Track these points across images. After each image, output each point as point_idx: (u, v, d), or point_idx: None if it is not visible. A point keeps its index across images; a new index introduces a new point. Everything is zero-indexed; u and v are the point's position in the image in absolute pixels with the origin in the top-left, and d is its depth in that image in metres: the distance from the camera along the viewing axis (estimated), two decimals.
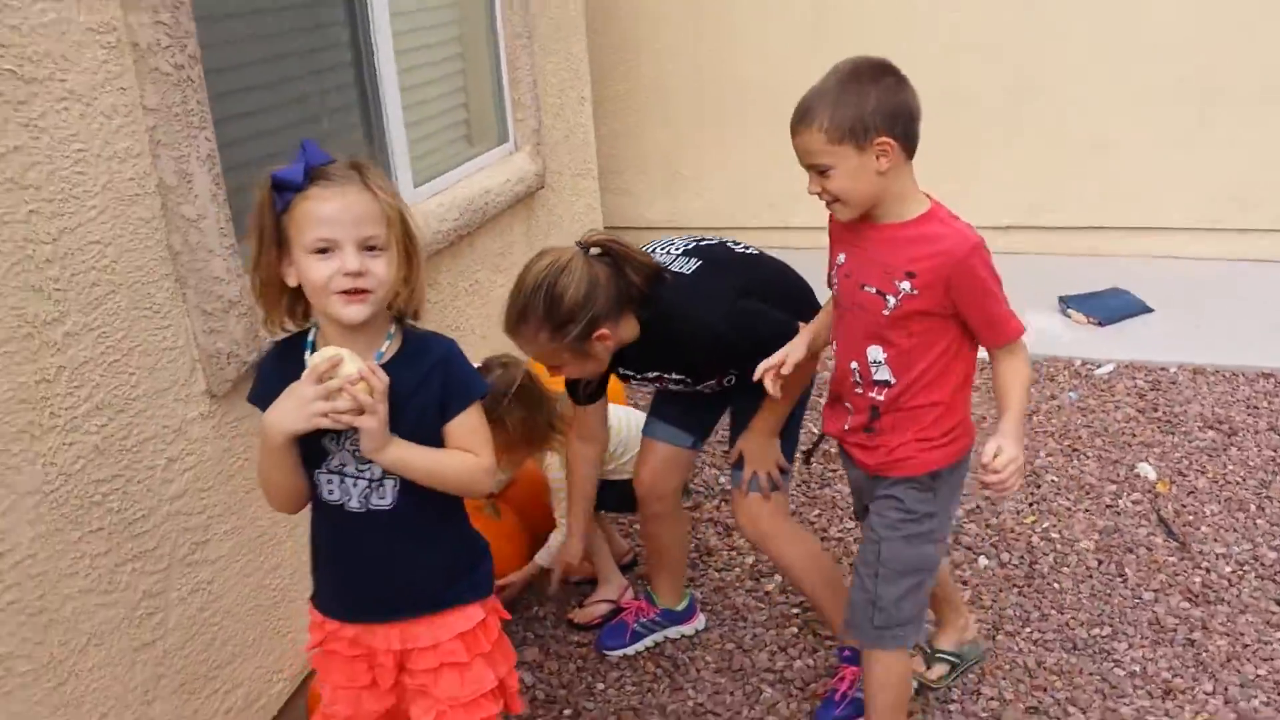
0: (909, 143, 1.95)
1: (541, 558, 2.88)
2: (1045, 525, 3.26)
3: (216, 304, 2.12)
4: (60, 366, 1.79)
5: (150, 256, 2.00)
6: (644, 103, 5.84)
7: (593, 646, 2.82)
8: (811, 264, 2.49)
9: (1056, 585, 2.97)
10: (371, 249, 1.59)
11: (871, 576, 2.15)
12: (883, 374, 2.05)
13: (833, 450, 3.79)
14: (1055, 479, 3.52)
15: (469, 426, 1.72)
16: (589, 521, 2.73)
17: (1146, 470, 3.53)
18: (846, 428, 2.14)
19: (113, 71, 1.89)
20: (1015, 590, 2.96)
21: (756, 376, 2.16)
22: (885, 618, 2.14)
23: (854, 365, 2.07)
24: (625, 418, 2.94)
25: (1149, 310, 4.79)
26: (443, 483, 1.71)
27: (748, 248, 2.57)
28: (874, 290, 1.99)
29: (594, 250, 2.29)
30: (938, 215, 2.00)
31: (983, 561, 3.09)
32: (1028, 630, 2.79)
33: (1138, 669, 2.63)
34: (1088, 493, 3.43)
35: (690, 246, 2.46)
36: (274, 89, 2.60)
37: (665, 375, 2.47)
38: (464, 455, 1.71)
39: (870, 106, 1.89)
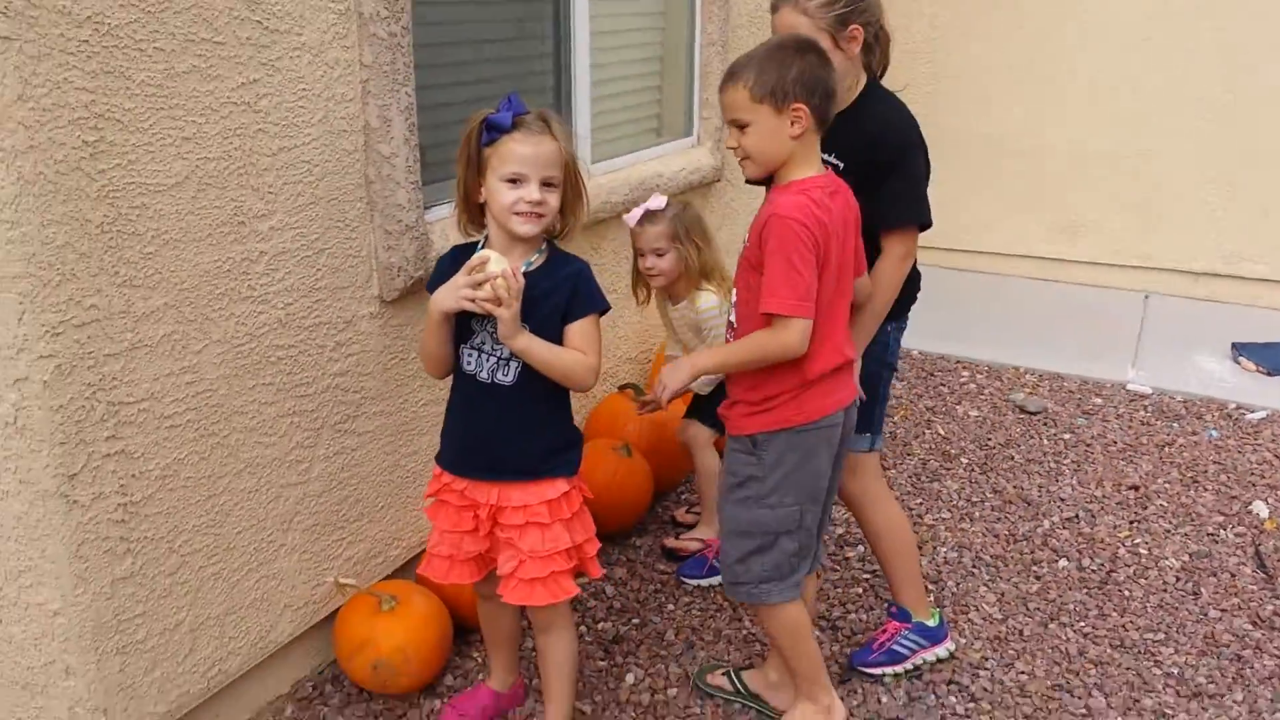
0: (821, 114, 2.15)
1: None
2: (1137, 541, 3.41)
3: (396, 226, 2.63)
4: (262, 251, 2.32)
5: (349, 181, 2.53)
6: None
7: (674, 575, 3.19)
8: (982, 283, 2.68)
9: (1127, 592, 3.13)
10: (549, 185, 2.11)
11: (722, 535, 2.40)
12: (732, 315, 2.30)
13: (952, 450, 4.01)
14: (1165, 504, 3.64)
15: (585, 331, 2.18)
16: None
17: (1260, 508, 3.60)
18: None
19: (339, 33, 2.42)
20: (1084, 590, 3.14)
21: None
22: (731, 575, 2.37)
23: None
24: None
25: None
26: (556, 371, 2.16)
27: None
28: (745, 239, 2.26)
29: None
30: (795, 186, 2.16)
31: (1062, 564, 3.28)
32: (1082, 624, 2.98)
33: (1175, 671, 2.79)
34: (1192, 520, 3.54)
35: None
36: (475, 66, 3.11)
37: (826, 157, 2.44)
38: (576, 354, 2.17)
39: (792, 75, 2.10)
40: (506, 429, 2.22)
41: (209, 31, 2.10)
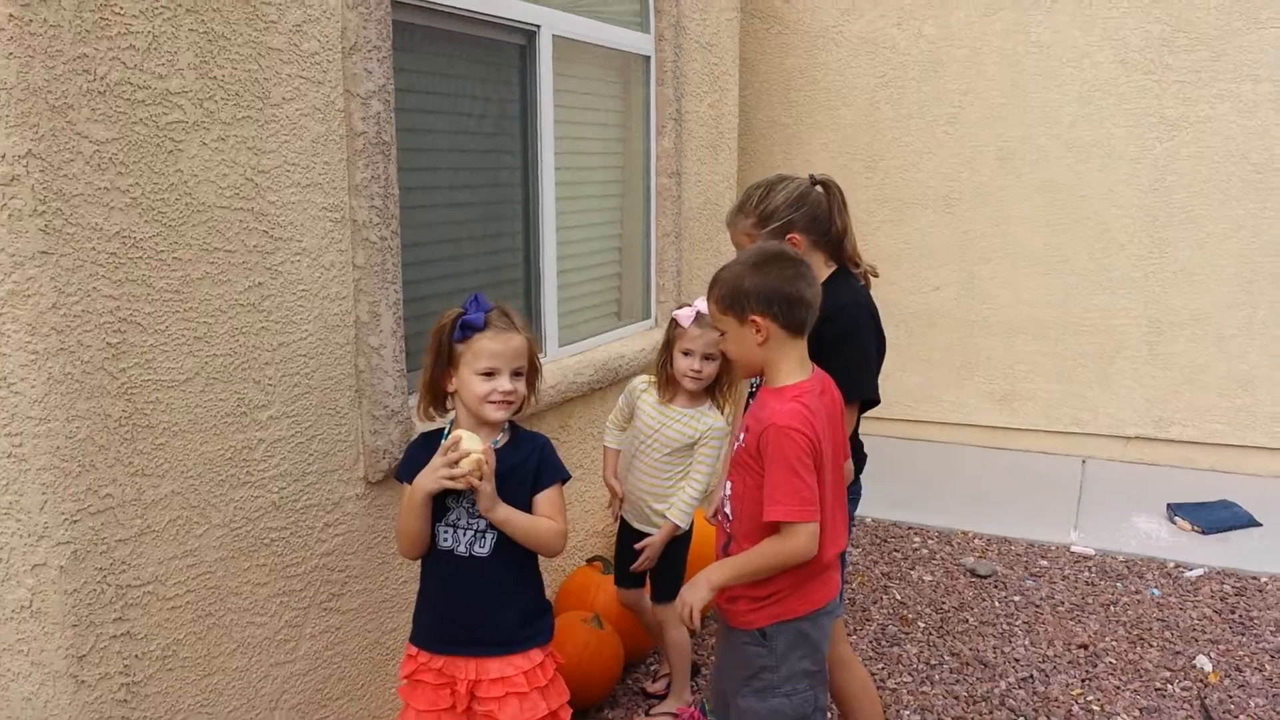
0: (788, 321, 2.28)
1: (675, 516, 3.16)
2: (1090, 699, 3.53)
3: (383, 412, 2.80)
4: (261, 440, 2.48)
5: (340, 371, 2.71)
6: None
7: None
8: (929, 451, 2.89)
9: None
10: (518, 374, 2.34)
11: None
12: (727, 506, 2.41)
13: (909, 615, 4.15)
14: (1113, 661, 3.78)
15: (552, 499, 2.38)
16: None
17: (1204, 662, 3.75)
18: (721, 548, 2.45)
19: (335, 238, 2.64)
20: None
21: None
22: None
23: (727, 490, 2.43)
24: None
25: (1257, 524, 4.98)
26: (531, 538, 2.33)
27: None
28: (737, 435, 2.42)
29: (819, 185, 2.76)
30: (789, 392, 2.28)
31: None
32: None
33: None
34: (1140, 676, 3.68)
35: None
36: (454, 261, 3.36)
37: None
38: (547, 520, 2.35)
39: (746, 287, 2.26)
40: (484, 600, 2.36)
41: (221, 241, 2.31)
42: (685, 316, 3.09)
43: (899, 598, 4.31)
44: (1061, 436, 6.11)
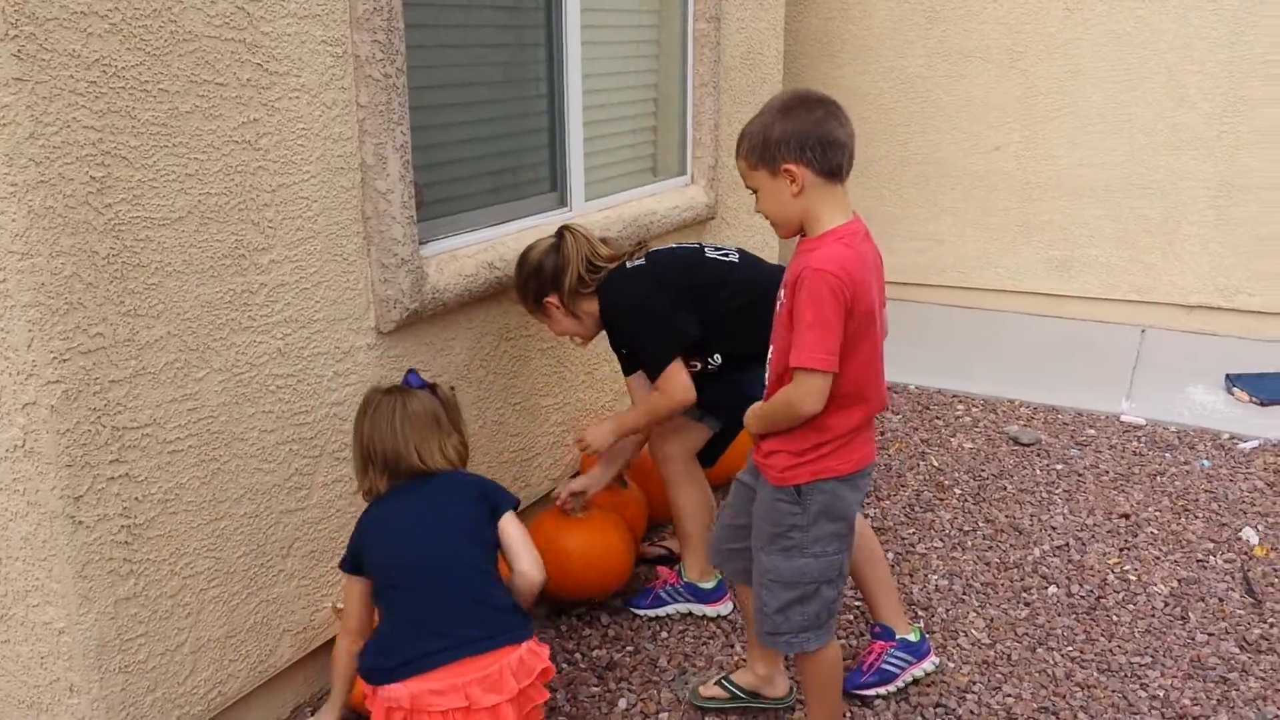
0: (824, 165, 2.10)
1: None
2: (1127, 568, 3.44)
3: (392, 260, 2.72)
4: (262, 284, 2.41)
5: (346, 216, 2.62)
6: None
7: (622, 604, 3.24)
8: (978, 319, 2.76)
9: (1115, 618, 3.16)
10: None
11: (759, 584, 2.35)
12: (768, 371, 2.27)
13: (946, 482, 4.06)
14: (1154, 531, 3.68)
15: None
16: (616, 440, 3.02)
17: (1250, 535, 3.63)
18: None
19: (336, 75, 2.52)
20: (1073, 615, 3.17)
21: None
22: (770, 624, 2.33)
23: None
24: None
25: None
26: None
27: (727, 255, 2.97)
28: (779, 295, 2.23)
29: (563, 234, 2.91)
30: (830, 236, 2.12)
31: (1052, 590, 3.31)
32: (1069, 649, 3.01)
33: (1161, 694, 2.81)
34: (1182, 547, 3.57)
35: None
36: (469, 108, 3.22)
37: (619, 350, 3.05)
38: None
39: (776, 135, 2.09)
40: None
41: (211, 73, 2.21)
42: None
43: (936, 464, 4.22)
44: (1121, 305, 5.88)
